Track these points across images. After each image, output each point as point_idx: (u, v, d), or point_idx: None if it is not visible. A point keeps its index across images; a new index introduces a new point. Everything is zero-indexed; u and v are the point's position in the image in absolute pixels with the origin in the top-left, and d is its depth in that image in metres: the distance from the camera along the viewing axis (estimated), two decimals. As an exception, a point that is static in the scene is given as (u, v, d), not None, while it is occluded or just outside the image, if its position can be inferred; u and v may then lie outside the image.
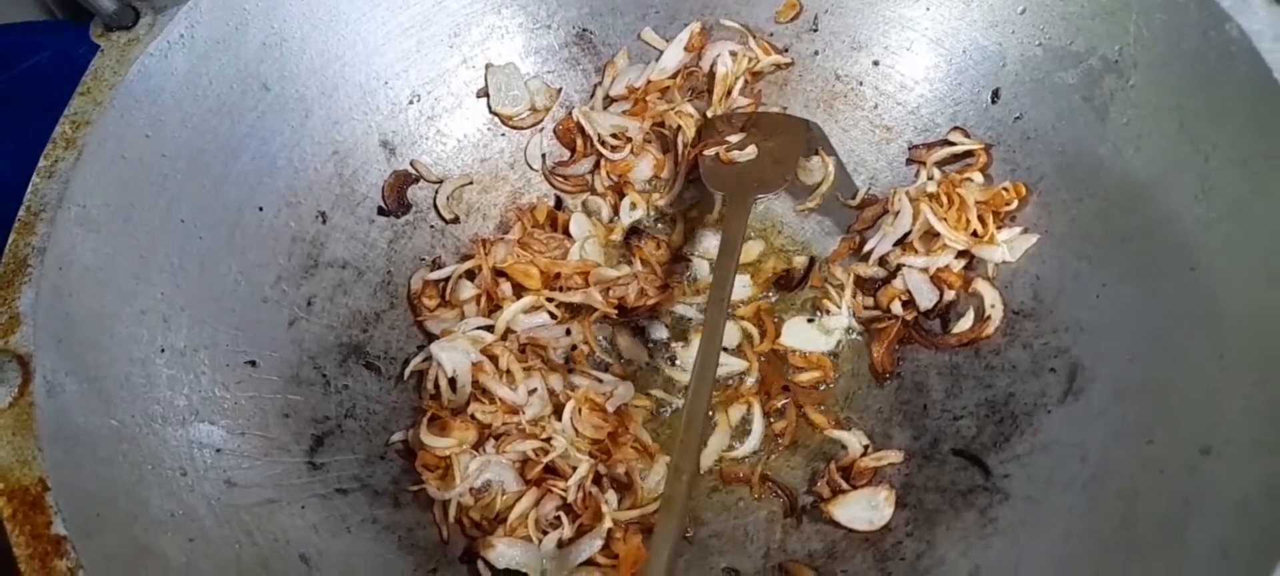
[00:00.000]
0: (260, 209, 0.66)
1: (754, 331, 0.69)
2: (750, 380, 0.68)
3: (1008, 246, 0.65)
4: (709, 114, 0.76)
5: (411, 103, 0.74)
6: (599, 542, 0.58)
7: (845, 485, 0.61)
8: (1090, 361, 0.58)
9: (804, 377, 0.68)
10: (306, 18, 0.68)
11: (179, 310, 0.59)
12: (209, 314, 0.60)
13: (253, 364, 0.61)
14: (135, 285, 0.56)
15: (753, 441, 0.65)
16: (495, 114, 0.76)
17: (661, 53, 0.77)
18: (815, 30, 0.75)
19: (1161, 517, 0.48)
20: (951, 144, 0.70)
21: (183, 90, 0.62)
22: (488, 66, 0.76)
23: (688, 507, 0.51)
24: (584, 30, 0.77)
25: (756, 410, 0.66)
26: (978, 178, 0.68)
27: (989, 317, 0.64)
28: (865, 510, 0.60)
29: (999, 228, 0.66)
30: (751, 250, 0.74)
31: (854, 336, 0.69)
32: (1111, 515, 0.51)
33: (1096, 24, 0.62)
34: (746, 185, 0.68)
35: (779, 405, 0.66)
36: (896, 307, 0.67)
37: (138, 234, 0.58)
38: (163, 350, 0.57)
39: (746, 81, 0.77)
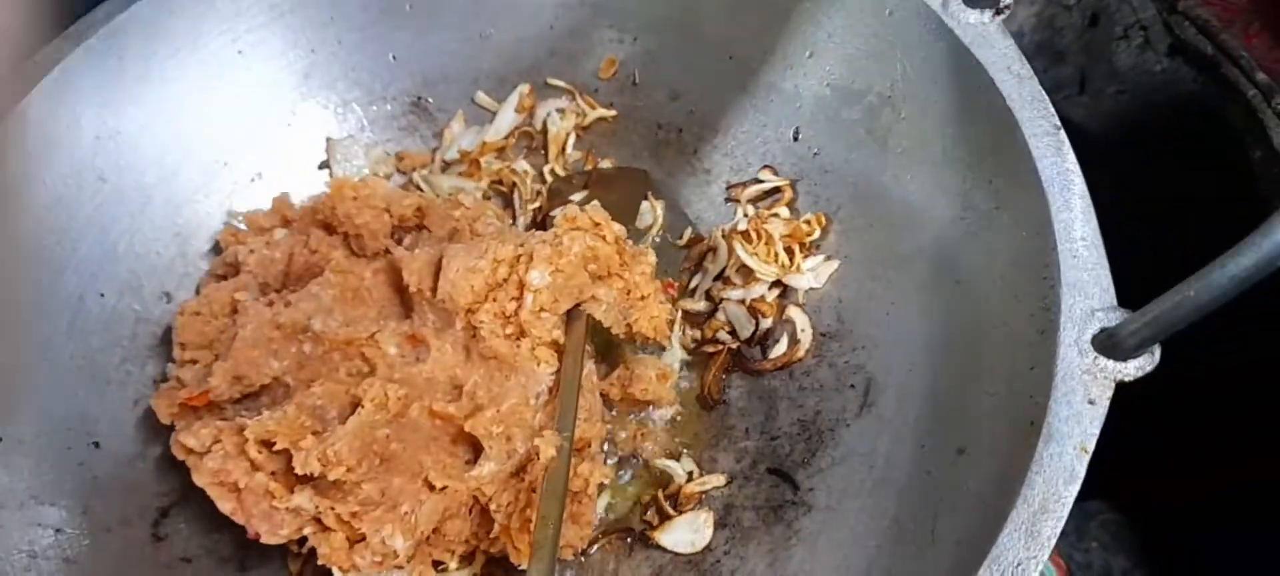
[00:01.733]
0: (102, 295, 0.68)
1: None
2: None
3: (813, 274, 0.70)
4: (546, 171, 0.80)
5: (253, 181, 0.77)
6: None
7: (671, 511, 0.65)
8: (882, 375, 0.63)
9: (657, 414, 0.71)
10: (141, 110, 0.71)
11: (20, 400, 0.61)
12: (52, 401, 0.63)
13: (96, 444, 0.64)
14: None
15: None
16: (338, 185, 0.80)
17: (495, 115, 0.81)
18: (636, 84, 0.81)
19: (922, 513, 0.53)
20: (761, 182, 0.75)
21: (15, 191, 0.64)
22: (328, 139, 0.79)
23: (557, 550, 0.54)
24: (419, 98, 0.81)
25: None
26: (784, 212, 0.73)
27: (799, 341, 0.69)
28: (688, 534, 0.63)
29: (805, 257, 0.71)
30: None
31: (686, 370, 0.73)
32: (886, 514, 0.55)
33: (871, 64, 0.68)
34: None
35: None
36: (722, 337, 0.72)
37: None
38: (1, 439, 0.59)
39: (577, 136, 0.81)
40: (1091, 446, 0.46)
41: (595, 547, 0.65)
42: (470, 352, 0.65)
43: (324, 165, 0.80)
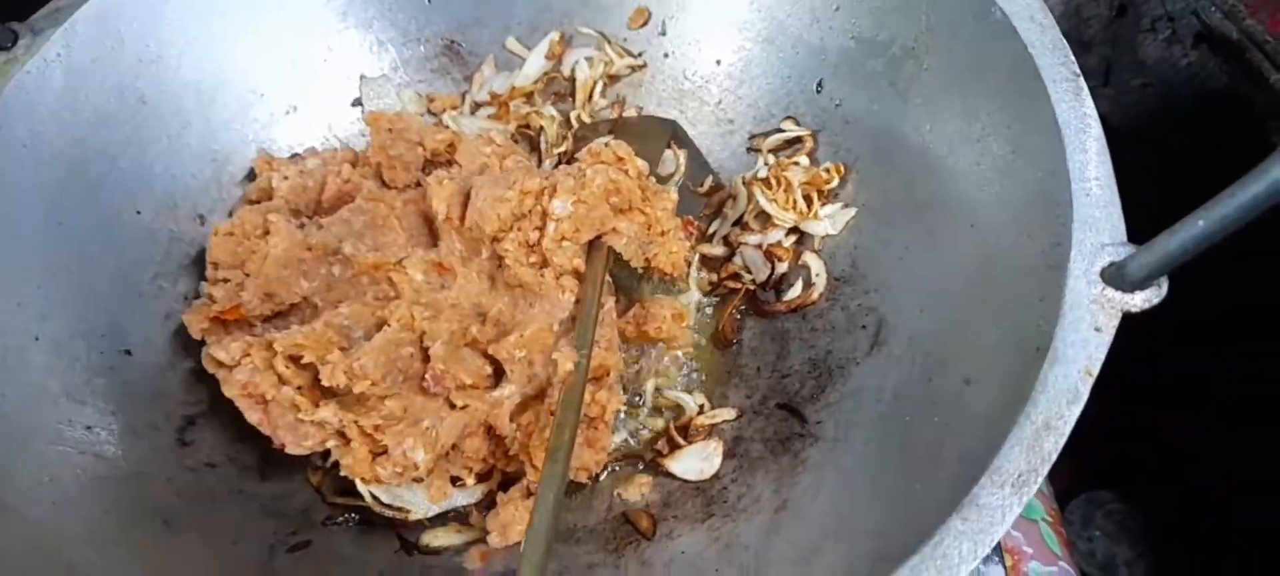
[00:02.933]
0: (138, 212, 0.70)
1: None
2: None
3: (830, 220, 0.71)
4: (572, 116, 0.82)
5: (288, 113, 0.79)
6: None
7: (682, 441, 0.66)
8: (893, 316, 0.64)
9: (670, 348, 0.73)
10: (182, 36, 0.73)
11: (56, 304, 0.63)
12: (86, 307, 0.65)
13: (128, 353, 0.66)
14: (12, 280, 0.61)
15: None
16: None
17: (525, 61, 0.83)
18: (664, 34, 0.82)
19: (930, 441, 0.54)
20: (783, 132, 0.76)
21: (61, 104, 0.66)
22: (362, 77, 0.81)
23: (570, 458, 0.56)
24: (452, 42, 0.83)
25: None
26: (804, 161, 0.74)
27: (814, 285, 0.70)
28: (697, 462, 0.65)
29: (823, 204, 0.72)
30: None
31: (704, 312, 0.75)
32: (892, 442, 0.57)
33: (896, 16, 0.69)
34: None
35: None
36: (740, 278, 0.73)
37: (16, 234, 0.62)
38: (37, 338, 0.61)
39: (605, 84, 0.83)
40: (1096, 370, 0.47)
41: (606, 472, 0.67)
42: (495, 281, 0.66)
43: (357, 102, 0.81)
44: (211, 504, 0.62)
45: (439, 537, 0.63)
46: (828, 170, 0.72)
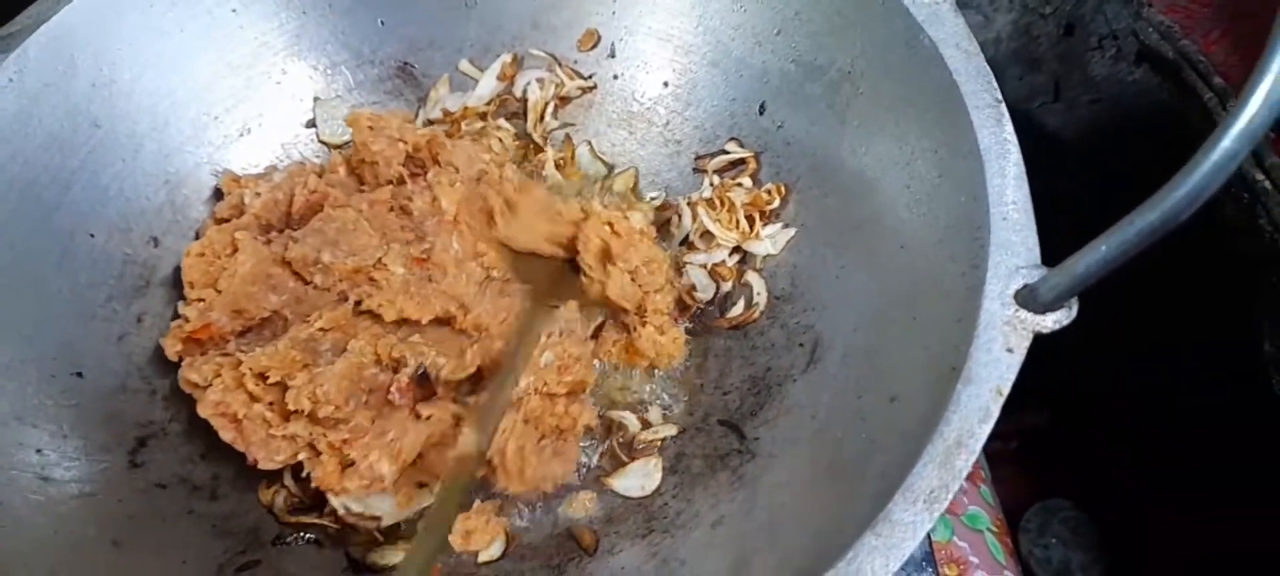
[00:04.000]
0: (92, 235, 0.71)
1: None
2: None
3: (771, 241, 0.73)
4: (528, 130, 0.83)
5: (242, 135, 0.80)
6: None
7: (624, 458, 0.68)
8: (829, 334, 0.66)
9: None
10: (135, 60, 0.74)
11: (7, 327, 0.64)
12: (38, 331, 0.65)
13: (79, 375, 0.66)
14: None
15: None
16: (324, 143, 0.83)
17: (478, 82, 0.84)
18: (613, 56, 0.84)
19: (858, 457, 0.56)
20: (727, 153, 0.78)
21: (12, 128, 0.67)
22: (315, 99, 0.82)
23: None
24: (405, 64, 0.84)
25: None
26: (747, 182, 0.76)
27: (756, 304, 0.72)
28: (639, 479, 0.67)
29: (764, 225, 0.74)
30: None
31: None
32: (823, 459, 0.58)
33: (833, 40, 0.71)
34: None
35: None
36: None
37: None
38: (-14, 361, 0.62)
39: (556, 105, 0.84)
40: (1006, 389, 0.49)
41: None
42: (484, 287, 0.68)
43: (311, 123, 0.83)
44: (162, 524, 0.63)
45: (387, 556, 0.65)
46: (769, 191, 0.74)
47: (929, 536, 0.77)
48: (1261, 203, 0.62)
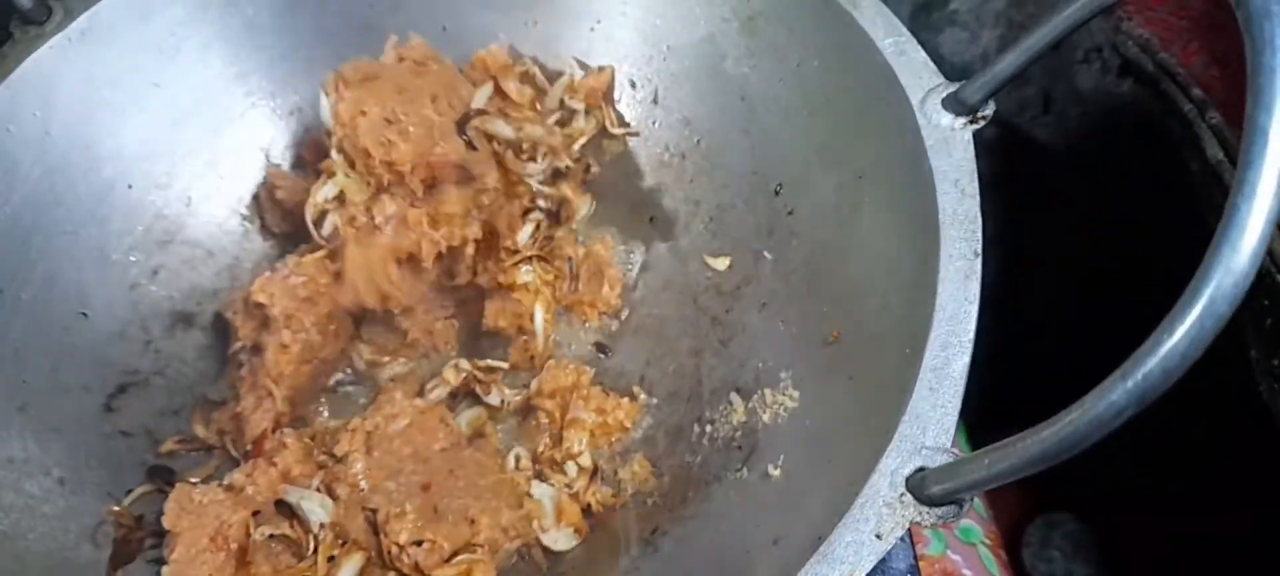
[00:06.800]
0: (130, 187, 0.77)
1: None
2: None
3: (752, 330, 0.70)
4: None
5: (292, 114, 0.84)
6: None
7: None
8: (763, 446, 0.63)
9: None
10: (205, 32, 0.79)
11: (31, 264, 0.70)
12: (58, 269, 0.72)
13: (84, 315, 0.72)
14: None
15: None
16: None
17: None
18: (656, 104, 0.82)
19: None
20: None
21: (77, 78, 0.73)
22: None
23: None
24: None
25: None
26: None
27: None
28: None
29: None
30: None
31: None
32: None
33: (856, 139, 0.67)
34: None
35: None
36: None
37: (9, 193, 0.69)
38: (1, 292, 0.68)
39: (597, 139, 0.84)
40: (859, 577, 0.46)
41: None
42: None
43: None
44: (117, 471, 0.68)
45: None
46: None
47: (915, 551, 0.75)
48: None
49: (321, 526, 0.64)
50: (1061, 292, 0.95)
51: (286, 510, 0.65)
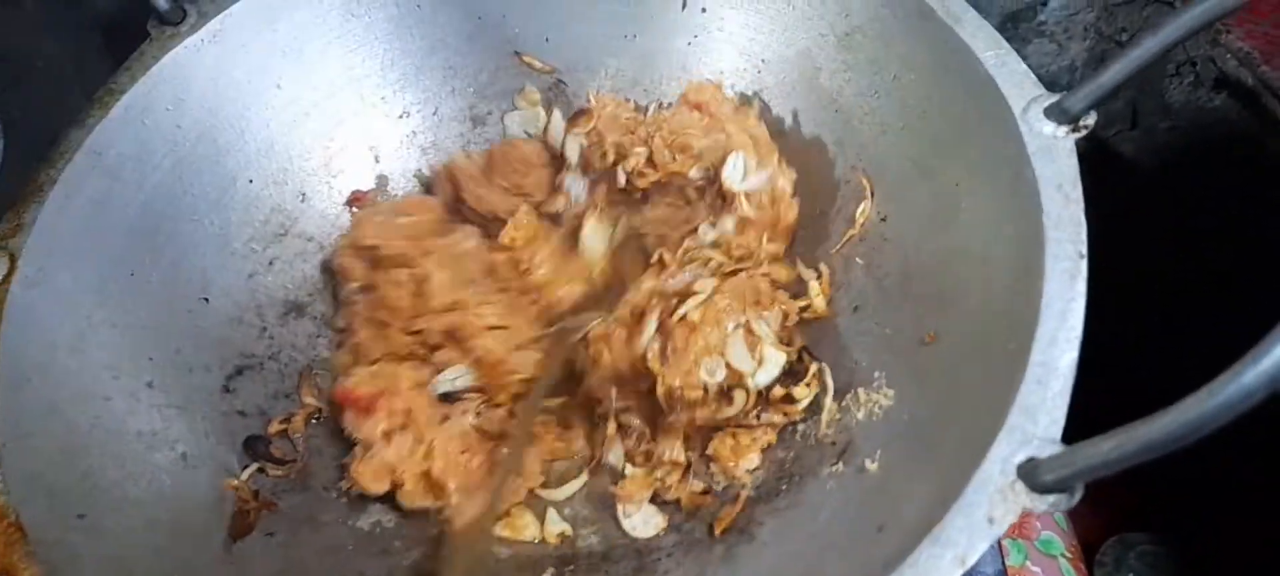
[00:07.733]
0: (250, 181, 0.81)
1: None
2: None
3: (846, 333, 0.72)
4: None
5: (401, 117, 0.88)
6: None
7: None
8: (858, 441, 0.65)
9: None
10: (325, 35, 0.83)
11: (160, 251, 0.74)
12: (183, 255, 0.76)
13: (206, 300, 0.76)
14: (127, 218, 0.73)
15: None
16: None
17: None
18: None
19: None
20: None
21: (207, 77, 0.78)
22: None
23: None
24: (558, 80, 0.89)
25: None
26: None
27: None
28: (643, 519, 0.68)
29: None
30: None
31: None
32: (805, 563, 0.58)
33: (951, 149, 0.68)
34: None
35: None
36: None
37: (142, 181, 0.74)
38: (132, 274, 0.72)
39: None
40: (971, 561, 0.47)
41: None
42: None
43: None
44: (231, 446, 0.71)
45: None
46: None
47: (1003, 559, 0.78)
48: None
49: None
50: (1141, 305, 0.94)
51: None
